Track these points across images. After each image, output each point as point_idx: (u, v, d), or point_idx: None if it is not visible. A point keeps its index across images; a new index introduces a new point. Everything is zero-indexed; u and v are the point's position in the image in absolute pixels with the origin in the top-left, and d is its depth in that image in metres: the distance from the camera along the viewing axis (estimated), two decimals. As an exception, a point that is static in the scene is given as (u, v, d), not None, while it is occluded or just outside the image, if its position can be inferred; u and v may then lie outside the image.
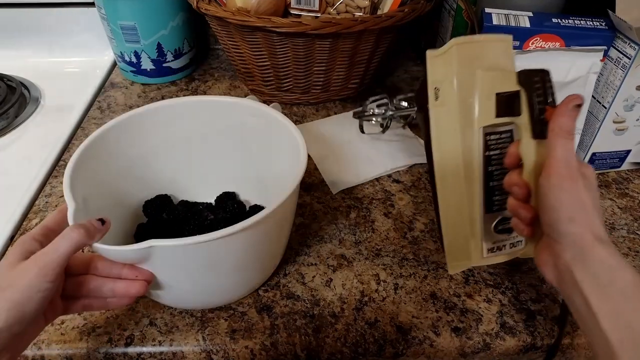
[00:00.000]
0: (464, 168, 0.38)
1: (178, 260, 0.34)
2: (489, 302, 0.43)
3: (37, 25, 0.76)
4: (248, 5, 0.59)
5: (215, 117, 0.46)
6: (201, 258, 0.34)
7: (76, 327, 0.40)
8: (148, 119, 0.45)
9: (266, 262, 0.42)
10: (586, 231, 0.31)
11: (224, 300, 0.42)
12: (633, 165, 0.59)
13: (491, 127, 0.37)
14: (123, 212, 0.45)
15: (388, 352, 0.40)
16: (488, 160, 0.38)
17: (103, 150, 0.41)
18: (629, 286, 0.29)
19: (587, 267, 0.31)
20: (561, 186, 0.32)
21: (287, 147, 0.42)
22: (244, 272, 0.40)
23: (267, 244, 0.39)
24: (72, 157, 0.38)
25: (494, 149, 0.37)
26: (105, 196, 0.42)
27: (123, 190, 0.45)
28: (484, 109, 0.36)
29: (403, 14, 0.58)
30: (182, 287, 0.38)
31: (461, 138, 0.37)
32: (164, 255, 0.32)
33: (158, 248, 0.31)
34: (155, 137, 0.46)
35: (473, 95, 0.36)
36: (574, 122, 0.33)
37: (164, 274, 0.35)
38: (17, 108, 0.67)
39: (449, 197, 0.39)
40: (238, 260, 0.37)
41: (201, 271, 0.36)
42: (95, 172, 0.40)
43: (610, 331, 0.29)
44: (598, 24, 0.50)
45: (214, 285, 0.39)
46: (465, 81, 0.36)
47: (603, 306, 0.29)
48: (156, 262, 0.33)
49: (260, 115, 0.45)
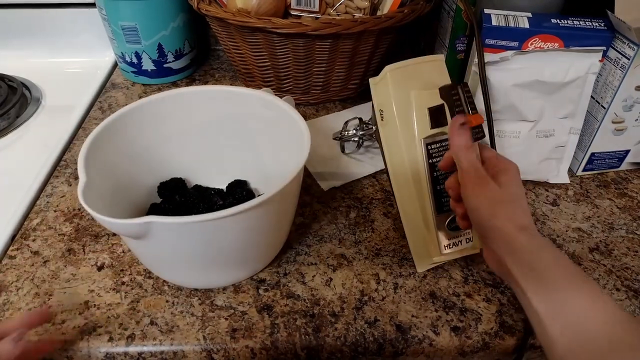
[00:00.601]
0: (413, 176, 0.43)
1: (176, 238, 0.36)
2: (488, 301, 0.43)
3: (38, 25, 0.77)
4: (248, 6, 0.60)
5: (228, 107, 0.48)
6: (198, 237, 0.36)
7: (77, 327, 0.40)
8: (167, 105, 0.47)
9: (264, 248, 0.43)
10: (507, 223, 0.34)
11: (222, 281, 0.43)
12: (632, 166, 0.59)
13: (430, 138, 0.42)
14: (139, 190, 0.48)
15: (388, 351, 0.40)
16: (432, 167, 0.43)
17: (121, 132, 0.44)
18: (550, 266, 0.32)
19: (514, 255, 0.33)
20: (474, 192, 0.36)
21: (295, 140, 0.43)
22: (242, 255, 0.41)
23: (265, 230, 0.40)
24: (90, 135, 0.41)
25: (436, 156, 0.43)
26: (122, 175, 0.44)
27: (140, 170, 0.47)
28: (421, 123, 0.42)
29: (402, 15, 0.59)
30: (180, 263, 0.39)
31: (407, 150, 0.42)
32: (163, 232, 0.34)
33: (156, 224, 0.33)
34: (173, 122, 0.48)
35: (411, 112, 0.42)
36: (466, 138, 0.38)
37: (162, 250, 0.37)
38: (18, 108, 0.67)
39: (405, 203, 0.44)
40: (234, 242, 0.38)
41: (197, 250, 0.37)
42: (113, 151, 0.43)
43: (542, 312, 0.31)
44: (597, 24, 0.50)
45: (211, 264, 0.40)
46: (402, 101, 0.42)
47: (531, 288, 0.32)
48: (156, 237, 0.34)
49: (272, 107, 0.46)
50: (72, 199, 0.52)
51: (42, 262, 0.45)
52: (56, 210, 0.51)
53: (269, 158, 0.50)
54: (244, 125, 0.49)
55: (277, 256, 0.46)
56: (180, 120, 0.48)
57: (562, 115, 0.53)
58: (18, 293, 0.42)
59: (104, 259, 0.46)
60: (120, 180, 0.44)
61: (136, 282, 0.44)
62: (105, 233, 0.48)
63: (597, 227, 0.51)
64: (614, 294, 0.44)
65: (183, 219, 0.33)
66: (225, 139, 0.50)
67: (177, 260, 0.39)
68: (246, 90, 0.47)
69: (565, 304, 0.30)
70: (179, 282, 0.43)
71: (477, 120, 0.42)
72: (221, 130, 0.50)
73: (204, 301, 0.42)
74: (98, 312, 0.41)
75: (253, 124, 0.49)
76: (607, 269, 0.46)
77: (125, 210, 0.44)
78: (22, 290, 0.43)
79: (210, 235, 0.36)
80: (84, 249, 0.47)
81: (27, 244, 0.47)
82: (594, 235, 0.50)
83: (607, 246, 0.49)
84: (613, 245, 0.49)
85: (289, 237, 0.47)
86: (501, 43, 0.50)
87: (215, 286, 0.43)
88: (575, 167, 0.58)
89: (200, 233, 0.35)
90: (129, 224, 0.33)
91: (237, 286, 0.43)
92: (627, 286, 0.45)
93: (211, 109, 0.48)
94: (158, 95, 0.46)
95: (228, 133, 0.50)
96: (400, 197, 0.44)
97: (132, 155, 0.46)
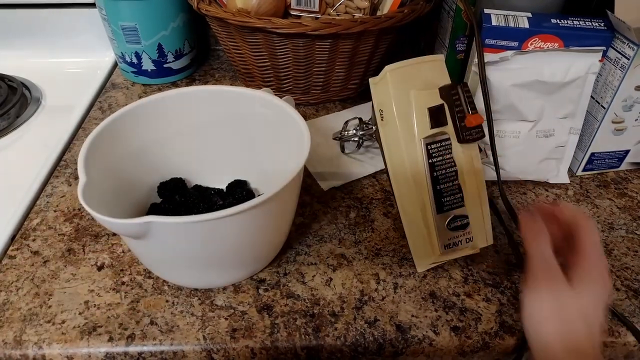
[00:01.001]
0: (413, 176, 0.43)
1: (175, 238, 0.36)
2: (488, 301, 0.43)
3: (38, 26, 0.77)
4: (248, 6, 0.60)
5: (228, 107, 0.48)
6: (198, 237, 0.36)
7: (77, 327, 0.40)
8: (168, 105, 0.47)
9: (263, 248, 0.43)
10: (556, 342, 0.28)
11: (222, 281, 0.43)
12: (632, 165, 0.59)
13: (430, 138, 0.42)
14: (139, 190, 0.48)
15: (388, 351, 0.40)
16: (432, 167, 0.42)
17: (121, 132, 0.44)
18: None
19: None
20: (536, 285, 0.30)
21: (295, 140, 0.43)
22: (241, 255, 0.41)
23: (264, 231, 0.40)
24: (90, 135, 0.40)
25: (436, 156, 0.42)
26: (122, 174, 0.45)
27: (140, 170, 0.47)
28: (421, 123, 0.42)
29: (402, 15, 0.59)
30: (180, 263, 0.40)
31: (407, 150, 0.42)
32: (162, 232, 0.34)
33: (156, 224, 0.33)
34: (173, 122, 0.48)
35: (410, 112, 0.42)
36: (537, 222, 0.33)
37: (162, 250, 0.37)
38: (18, 108, 0.67)
39: (405, 203, 0.44)
40: (234, 242, 0.38)
41: (197, 250, 0.37)
42: (113, 151, 0.43)
43: None
44: (597, 24, 0.50)
45: (211, 264, 0.40)
46: (402, 101, 0.42)
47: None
48: (155, 237, 0.35)
49: (272, 107, 0.46)
50: (72, 199, 0.52)
51: (42, 262, 0.45)
52: (56, 210, 0.51)
53: (269, 158, 0.50)
54: (244, 125, 0.49)
55: (277, 256, 0.46)
56: (180, 120, 0.48)
57: (562, 115, 0.53)
58: (18, 293, 0.42)
59: (104, 258, 0.46)
60: (120, 180, 0.44)
61: (136, 282, 0.44)
62: (105, 233, 0.48)
63: (597, 227, 0.51)
64: (614, 294, 0.44)
65: (182, 219, 0.33)
66: (225, 139, 0.50)
67: (177, 260, 0.39)
68: (246, 90, 0.47)
69: None
70: (179, 282, 0.43)
71: (477, 120, 0.42)
72: (221, 130, 0.50)
73: (204, 301, 0.42)
74: (98, 312, 0.41)
75: (253, 124, 0.49)
76: (607, 269, 0.46)
77: (125, 210, 0.44)
78: (22, 290, 0.43)
79: (210, 235, 0.36)
80: (84, 249, 0.47)
81: (27, 244, 0.47)
82: (594, 235, 0.50)
83: (607, 246, 0.49)
84: (613, 245, 0.49)
85: (289, 237, 0.47)
86: (501, 43, 0.50)
87: (215, 286, 0.43)
88: (575, 167, 0.58)
89: (199, 233, 0.35)
90: (128, 223, 0.33)
91: (237, 286, 0.43)
92: (627, 286, 0.45)
93: (211, 109, 0.48)
94: (158, 95, 0.46)
95: (228, 133, 0.50)
96: (400, 197, 0.44)
97: (132, 155, 0.46)
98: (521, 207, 0.34)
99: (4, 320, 0.40)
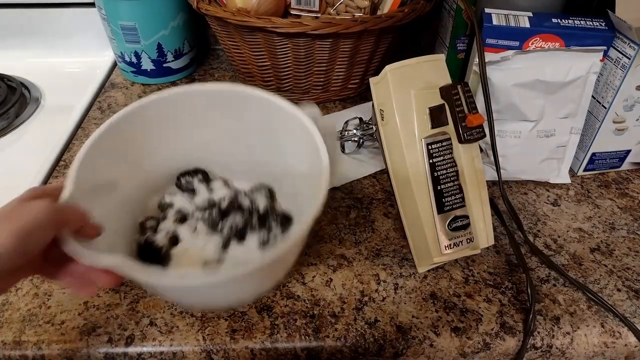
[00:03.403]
0: (414, 175, 0.42)
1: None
2: (489, 302, 0.43)
3: (37, 25, 0.77)
4: (248, 6, 0.59)
5: (236, 109, 0.44)
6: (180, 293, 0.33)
7: (76, 327, 0.40)
8: (169, 105, 0.42)
9: (267, 284, 0.40)
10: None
11: (225, 307, 0.41)
12: (633, 165, 0.59)
13: (431, 138, 0.42)
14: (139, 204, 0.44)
15: (388, 352, 0.40)
16: (433, 167, 0.42)
17: (122, 135, 0.40)
18: None
19: None
20: None
21: (308, 147, 0.39)
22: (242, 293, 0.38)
23: (267, 277, 0.37)
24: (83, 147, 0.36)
25: (437, 156, 0.42)
26: (120, 189, 0.40)
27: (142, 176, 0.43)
28: (421, 123, 0.42)
29: (403, 15, 0.58)
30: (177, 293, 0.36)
31: (407, 150, 0.42)
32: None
33: (125, 269, 0.29)
34: (175, 124, 0.44)
35: (411, 112, 0.42)
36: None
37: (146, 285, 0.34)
38: (17, 108, 0.67)
39: (405, 203, 0.44)
40: (233, 286, 0.35)
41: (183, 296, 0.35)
42: (110, 161, 0.39)
43: None
44: (598, 24, 0.50)
45: (210, 297, 0.37)
46: (402, 101, 0.42)
47: None
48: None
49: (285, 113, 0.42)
50: (72, 199, 0.52)
51: (41, 263, 0.45)
52: (55, 211, 0.51)
53: (277, 163, 0.46)
54: (253, 129, 0.45)
55: (277, 256, 0.46)
56: (186, 119, 0.44)
57: (563, 115, 0.53)
58: (17, 293, 0.42)
59: (103, 259, 0.46)
60: (115, 196, 0.40)
61: (135, 283, 0.43)
62: (105, 233, 0.48)
63: (598, 227, 0.51)
64: (615, 294, 0.44)
65: (154, 276, 0.29)
66: (235, 142, 0.46)
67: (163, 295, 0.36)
68: (260, 92, 0.42)
69: None
70: (175, 303, 0.41)
71: (477, 120, 0.42)
72: (231, 132, 0.45)
73: (204, 302, 0.42)
74: (97, 313, 0.41)
75: (262, 127, 0.44)
76: (608, 270, 0.46)
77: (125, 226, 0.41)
78: (21, 291, 0.43)
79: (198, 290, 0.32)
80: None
81: (26, 244, 0.47)
82: (595, 235, 0.50)
83: (608, 246, 0.49)
84: (614, 245, 0.49)
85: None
86: (502, 42, 0.50)
87: (218, 310, 0.41)
88: (576, 167, 0.58)
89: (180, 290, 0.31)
90: (96, 259, 0.29)
91: (237, 287, 0.43)
92: (628, 287, 0.44)
93: (216, 110, 0.44)
94: (158, 94, 0.42)
95: (238, 135, 0.45)
96: (401, 197, 0.44)
97: (134, 159, 0.42)
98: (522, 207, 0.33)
99: (3, 320, 0.40)
